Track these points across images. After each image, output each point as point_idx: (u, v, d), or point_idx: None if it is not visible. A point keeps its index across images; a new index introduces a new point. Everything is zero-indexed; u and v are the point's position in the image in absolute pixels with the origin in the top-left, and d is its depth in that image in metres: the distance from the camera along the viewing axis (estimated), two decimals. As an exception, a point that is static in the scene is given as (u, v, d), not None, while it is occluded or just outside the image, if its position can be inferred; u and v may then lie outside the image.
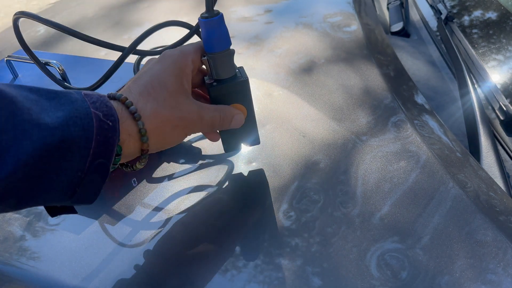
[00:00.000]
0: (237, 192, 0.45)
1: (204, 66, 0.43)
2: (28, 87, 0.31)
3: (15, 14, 0.48)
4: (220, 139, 0.46)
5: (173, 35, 0.57)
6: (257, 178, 0.46)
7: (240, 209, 0.43)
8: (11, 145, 0.27)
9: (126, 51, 0.48)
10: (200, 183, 0.47)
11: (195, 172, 0.48)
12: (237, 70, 0.42)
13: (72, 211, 0.34)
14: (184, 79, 0.39)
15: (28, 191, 0.29)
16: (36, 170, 0.28)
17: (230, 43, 0.40)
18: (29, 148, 0.27)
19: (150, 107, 0.36)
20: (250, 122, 0.44)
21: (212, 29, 0.39)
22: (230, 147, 0.46)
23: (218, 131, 0.44)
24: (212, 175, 0.48)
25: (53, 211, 0.33)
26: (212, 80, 0.41)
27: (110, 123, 0.32)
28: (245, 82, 0.42)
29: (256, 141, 0.47)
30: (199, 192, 0.46)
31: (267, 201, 0.43)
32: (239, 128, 0.43)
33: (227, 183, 0.46)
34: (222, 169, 0.48)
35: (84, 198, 0.32)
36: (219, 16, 0.39)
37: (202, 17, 0.39)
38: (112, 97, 0.36)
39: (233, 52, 0.41)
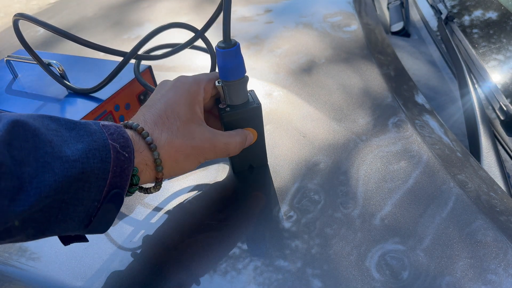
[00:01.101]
0: (237, 192, 0.45)
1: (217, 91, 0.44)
2: (48, 116, 0.31)
3: (14, 16, 0.48)
4: (229, 159, 0.47)
5: (173, 35, 0.57)
6: (257, 179, 0.46)
7: (240, 210, 0.43)
8: (33, 177, 0.27)
9: (127, 56, 0.49)
10: (200, 183, 0.47)
11: (195, 172, 0.48)
12: (249, 95, 0.43)
13: (84, 239, 0.34)
14: (197, 106, 0.40)
15: (47, 222, 0.29)
16: (56, 202, 0.29)
17: (245, 71, 0.41)
18: (51, 180, 0.28)
19: (164, 137, 0.37)
20: (259, 145, 0.45)
21: (229, 59, 0.40)
22: (238, 167, 0.47)
23: None
24: (212, 175, 0.47)
25: (66, 240, 0.34)
26: (225, 105, 0.42)
27: (127, 155, 0.33)
28: (258, 108, 0.43)
29: (264, 162, 0.48)
30: (199, 192, 0.46)
31: (267, 202, 0.43)
32: (249, 150, 0.44)
33: (227, 184, 0.46)
34: (222, 169, 0.48)
35: (99, 227, 0.33)
36: (237, 47, 0.40)
37: (219, 47, 0.40)
38: (128, 126, 0.37)
39: (247, 79, 0.41)
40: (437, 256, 0.36)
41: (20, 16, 0.48)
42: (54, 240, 0.42)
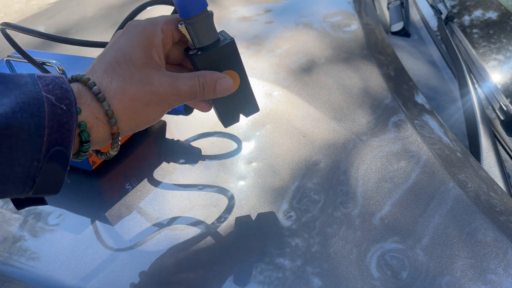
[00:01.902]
0: (237, 192, 0.45)
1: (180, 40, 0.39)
2: None
3: (0, 24, 0.48)
4: (215, 113, 0.42)
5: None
6: (257, 178, 0.46)
7: (240, 209, 0.43)
8: None
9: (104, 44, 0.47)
10: (200, 183, 0.47)
11: (195, 172, 0.48)
12: (219, 34, 0.39)
13: (41, 202, 0.32)
14: (154, 50, 0.36)
15: None
16: None
17: (206, 4, 0.37)
18: None
19: (116, 85, 0.33)
20: (244, 88, 0.41)
21: None
22: (227, 120, 0.42)
23: (209, 101, 0.41)
24: (212, 175, 0.47)
25: (19, 204, 0.31)
26: (195, 50, 0.38)
27: (64, 107, 0.29)
28: (231, 43, 0.38)
29: (255, 109, 0.43)
30: (199, 192, 0.46)
31: (267, 201, 0.43)
32: (234, 97, 0.40)
33: (227, 183, 0.46)
34: (222, 169, 0.48)
35: (46, 189, 0.30)
36: None
37: None
38: (74, 78, 0.33)
39: (211, 13, 0.37)
40: (437, 256, 0.36)
41: (6, 26, 0.48)
42: (54, 240, 0.43)
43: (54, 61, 0.53)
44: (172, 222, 0.43)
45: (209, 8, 0.38)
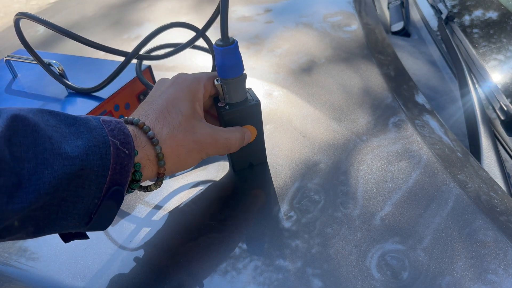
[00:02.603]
0: (237, 192, 0.45)
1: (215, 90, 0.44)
2: (48, 111, 0.31)
3: (16, 15, 0.48)
4: (228, 158, 0.47)
5: (173, 35, 0.57)
6: (257, 178, 0.46)
7: (240, 210, 0.43)
8: (32, 174, 0.27)
9: (129, 56, 0.49)
10: (200, 183, 0.47)
11: (195, 172, 0.48)
12: (247, 92, 0.43)
13: (85, 236, 0.34)
14: (197, 103, 0.40)
15: (47, 219, 0.29)
16: (56, 199, 0.29)
17: (243, 69, 0.41)
18: (50, 178, 0.28)
19: (166, 132, 0.37)
20: (259, 141, 0.46)
21: (227, 57, 0.40)
22: (238, 166, 0.47)
23: None
24: (212, 175, 0.47)
25: (67, 237, 0.33)
26: (224, 104, 0.42)
27: (127, 151, 0.33)
28: (257, 105, 0.43)
29: (263, 158, 0.48)
30: (199, 192, 0.46)
31: (267, 202, 0.43)
32: (249, 147, 0.45)
33: (227, 183, 0.46)
34: (222, 169, 0.48)
35: (99, 225, 0.33)
36: (235, 44, 0.40)
37: (217, 45, 0.40)
38: (129, 122, 0.36)
39: (245, 77, 0.42)
40: (437, 256, 0.36)
41: (22, 15, 0.48)
42: (54, 240, 0.42)
43: (54, 61, 0.53)
44: (172, 222, 0.43)
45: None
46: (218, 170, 0.48)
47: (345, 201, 0.42)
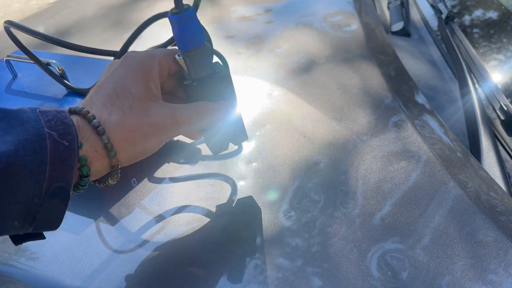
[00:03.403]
0: (237, 192, 0.45)
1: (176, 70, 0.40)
2: None
3: (4, 23, 0.49)
4: (205, 141, 0.43)
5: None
6: (257, 178, 0.46)
7: (240, 209, 0.43)
8: None
9: (117, 55, 0.48)
10: (200, 183, 0.47)
11: (195, 172, 0.48)
12: (215, 66, 0.40)
13: (40, 236, 0.31)
14: (152, 82, 0.36)
15: None
16: None
17: (205, 38, 0.38)
18: None
19: (115, 118, 0.33)
20: (235, 118, 0.42)
21: (185, 25, 0.36)
22: (216, 148, 0.44)
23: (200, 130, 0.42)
24: (212, 175, 0.47)
25: (17, 239, 0.31)
26: (190, 81, 0.39)
27: (67, 143, 0.29)
28: (226, 77, 0.39)
29: (244, 138, 0.44)
30: (199, 192, 0.46)
31: (267, 201, 0.43)
32: (224, 126, 0.41)
33: (227, 183, 0.46)
34: (222, 169, 0.48)
35: (46, 225, 0.30)
36: (191, 10, 0.36)
37: (172, 13, 0.36)
38: (73, 111, 0.33)
39: (209, 47, 0.38)
40: (437, 256, 0.36)
41: (9, 24, 0.48)
42: (54, 240, 0.42)
43: (54, 61, 0.53)
44: (172, 222, 0.43)
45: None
46: (218, 170, 0.48)
47: (345, 201, 0.42)
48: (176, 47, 0.39)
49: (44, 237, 0.32)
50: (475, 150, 0.52)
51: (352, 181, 0.44)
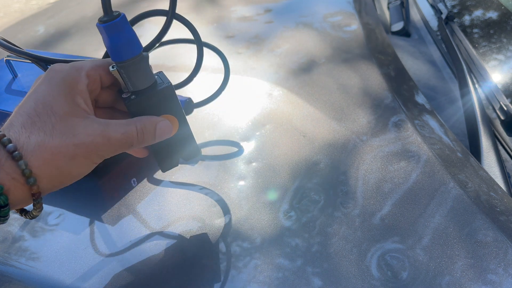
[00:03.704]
0: (237, 192, 0.45)
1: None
2: None
3: None
4: (154, 157, 0.40)
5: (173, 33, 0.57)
6: (257, 178, 0.46)
7: (240, 209, 0.43)
8: None
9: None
10: (200, 183, 0.47)
11: (195, 172, 0.48)
12: (156, 76, 0.37)
13: None
14: (78, 97, 0.33)
15: None
16: None
17: (141, 47, 0.34)
18: None
19: (34, 140, 0.30)
20: (183, 132, 0.38)
21: (116, 34, 0.33)
22: (166, 164, 0.40)
23: (145, 146, 0.37)
24: (212, 175, 0.47)
25: None
26: (129, 94, 0.35)
27: None
28: (168, 88, 0.36)
29: (196, 153, 0.41)
30: (199, 192, 0.46)
31: (267, 201, 0.43)
32: (172, 141, 0.38)
33: (227, 183, 0.46)
34: (222, 169, 0.48)
35: None
36: (121, 17, 0.33)
37: (100, 22, 0.33)
38: None
39: (146, 56, 0.35)
40: (437, 256, 0.36)
41: None
42: (54, 240, 0.42)
43: (54, 61, 0.53)
44: (171, 222, 0.43)
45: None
46: (218, 170, 0.48)
47: (345, 201, 0.42)
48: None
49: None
50: (475, 150, 0.52)
51: (352, 181, 0.44)
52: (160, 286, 0.37)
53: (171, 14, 0.39)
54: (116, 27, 0.33)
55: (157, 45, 0.41)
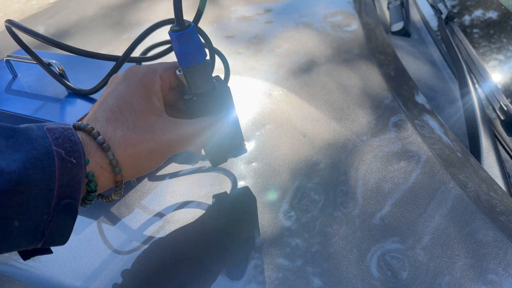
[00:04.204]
0: (237, 192, 0.45)
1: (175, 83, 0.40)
2: None
3: (6, 21, 0.48)
4: (205, 153, 0.44)
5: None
6: (257, 178, 0.46)
7: (240, 209, 0.43)
8: None
9: (120, 61, 0.48)
10: (200, 183, 0.47)
11: (195, 172, 0.48)
12: (214, 80, 0.41)
13: (47, 251, 0.32)
14: (154, 97, 0.37)
15: None
16: None
17: (205, 54, 0.39)
18: None
19: (120, 134, 0.34)
20: (234, 131, 0.43)
21: (185, 43, 0.37)
22: (216, 160, 0.44)
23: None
24: (212, 175, 0.47)
25: (26, 254, 0.31)
26: (191, 95, 0.40)
27: (74, 160, 0.30)
28: (226, 91, 0.40)
29: (243, 150, 0.45)
30: (199, 192, 0.46)
31: (267, 201, 0.43)
32: (224, 139, 0.41)
33: (227, 183, 0.46)
34: (222, 169, 0.48)
35: (55, 240, 0.31)
36: (192, 28, 0.37)
37: (172, 31, 0.37)
38: (77, 127, 0.33)
39: (209, 63, 0.39)
40: (437, 256, 0.36)
41: (10, 24, 0.48)
42: (54, 240, 0.42)
43: (54, 61, 0.53)
44: (171, 222, 0.43)
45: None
46: (218, 170, 0.48)
47: (345, 201, 0.42)
48: (176, 61, 0.39)
49: (51, 252, 0.32)
50: (475, 150, 0.52)
51: (352, 181, 0.44)
52: (160, 286, 0.37)
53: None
54: (186, 36, 0.36)
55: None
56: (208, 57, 0.39)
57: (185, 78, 0.39)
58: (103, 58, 0.47)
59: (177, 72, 0.39)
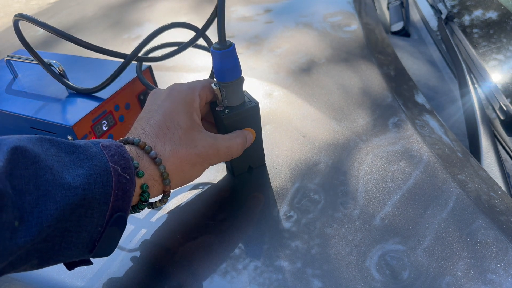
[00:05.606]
0: (237, 192, 0.45)
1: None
2: (47, 139, 0.30)
3: (15, 16, 0.48)
4: (228, 163, 0.47)
5: (173, 35, 0.57)
6: (257, 179, 0.46)
7: (240, 210, 0.43)
8: (34, 206, 0.27)
9: (128, 58, 0.49)
10: (200, 183, 0.47)
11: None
12: (245, 96, 0.43)
13: (89, 262, 0.34)
14: (195, 114, 0.40)
15: (51, 251, 0.29)
16: (59, 230, 0.28)
17: (241, 72, 0.41)
18: (53, 209, 0.27)
19: (168, 149, 0.37)
20: (257, 144, 0.45)
21: (226, 60, 0.39)
22: (238, 169, 0.47)
23: None
24: (212, 176, 0.47)
25: (71, 265, 0.33)
26: (222, 107, 0.42)
27: (128, 177, 0.32)
28: (256, 107, 0.43)
29: (262, 161, 0.48)
30: (198, 193, 0.46)
31: (267, 202, 0.43)
32: (248, 150, 0.44)
33: (226, 184, 0.46)
34: (222, 169, 0.48)
35: (103, 251, 0.32)
36: (232, 47, 0.40)
37: (215, 48, 0.39)
38: (130, 142, 0.36)
39: (243, 80, 0.42)
40: (437, 256, 0.36)
41: (20, 17, 0.48)
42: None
43: (54, 61, 0.53)
44: (171, 223, 0.43)
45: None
46: (218, 171, 0.48)
47: (345, 201, 0.42)
48: (209, 78, 0.42)
49: (91, 263, 0.34)
50: (475, 150, 0.52)
51: (352, 181, 0.44)
52: (159, 286, 0.37)
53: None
54: (228, 55, 0.39)
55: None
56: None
57: (220, 92, 0.42)
58: (111, 55, 0.48)
59: (213, 86, 0.42)
